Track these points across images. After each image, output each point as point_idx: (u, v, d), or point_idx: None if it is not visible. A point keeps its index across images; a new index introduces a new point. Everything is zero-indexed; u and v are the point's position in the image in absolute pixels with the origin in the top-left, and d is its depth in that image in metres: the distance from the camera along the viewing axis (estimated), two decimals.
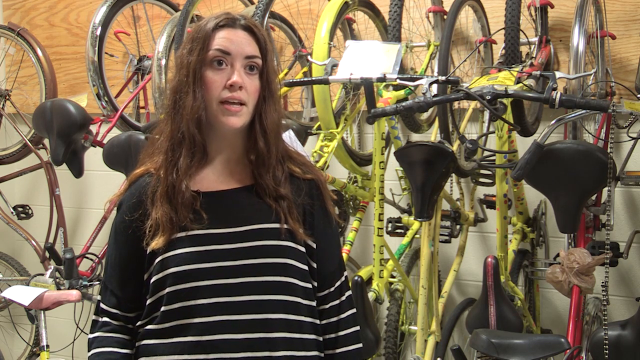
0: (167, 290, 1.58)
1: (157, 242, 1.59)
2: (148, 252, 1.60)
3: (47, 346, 2.72)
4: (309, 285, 1.66)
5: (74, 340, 2.94)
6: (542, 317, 3.28)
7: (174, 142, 1.63)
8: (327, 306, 1.70)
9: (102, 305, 1.68)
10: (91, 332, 1.68)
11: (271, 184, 1.64)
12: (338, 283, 1.72)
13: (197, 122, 1.60)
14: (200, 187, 1.63)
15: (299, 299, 1.63)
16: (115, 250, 1.67)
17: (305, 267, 1.66)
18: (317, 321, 1.67)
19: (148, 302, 1.62)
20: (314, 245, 1.68)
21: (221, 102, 1.59)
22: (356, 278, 2.43)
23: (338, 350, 1.69)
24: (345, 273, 1.76)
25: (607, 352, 2.17)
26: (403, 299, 2.89)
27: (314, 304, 1.67)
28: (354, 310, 1.74)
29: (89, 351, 1.66)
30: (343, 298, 1.72)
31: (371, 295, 2.63)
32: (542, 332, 3.17)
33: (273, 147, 1.65)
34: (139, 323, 1.64)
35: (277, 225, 1.62)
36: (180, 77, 1.62)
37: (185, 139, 1.61)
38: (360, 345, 1.73)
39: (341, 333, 1.70)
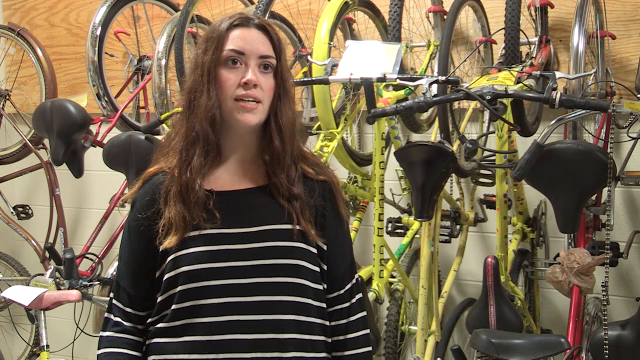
0: (179, 288, 1.59)
1: (170, 241, 1.59)
2: (161, 250, 1.61)
3: (47, 346, 2.72)
4: (320, 287, 1.66)
5: (74, 340, 2.94)
6: (542, 317, 3.28)
7: (188, 142, 1.63)
8: (337, 308, 1.69)
9: (114, 302, 1.68)
10: (103, 330, 1.68)
11: (285, 183, 1.64)
12: (348, 285, 1.72)
13: (211, 120, 1.61)
14: (214, 186, 1.64)
15: (309, 301, 1.63)
16: (129, 247, 1.68)
17: (317, 269, 1.66)
18: (327, 323, 1.67)
19: (159, 299, 1.62)
20: (325, 247, 1.68)
21: (236, 99, 1.60)
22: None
23: (347, 353, 1.69)
24: (357, 276, 1.76)
25: (607, 352, 2.17)
26: (403, 299, 2.89)
27: (324, 305, 1.67)
28: (364, 313, 1.74)
29: (98, 349, 1.66)
30: (353, 301, 1.72)
31: (371, 295, 2.63)
32: (542, 332, 3.17)
33: (288, 146, 1.65)
34: (149, 320, 1.65)
35: (289, 226, 1.63)
36: (195, 77, 1.63)
37: (199, 138, 1.62)
38: (370, 348, 1.72)
39: (350, 335, 1.69)
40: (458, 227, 3.06)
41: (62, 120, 3.38)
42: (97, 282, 3.07)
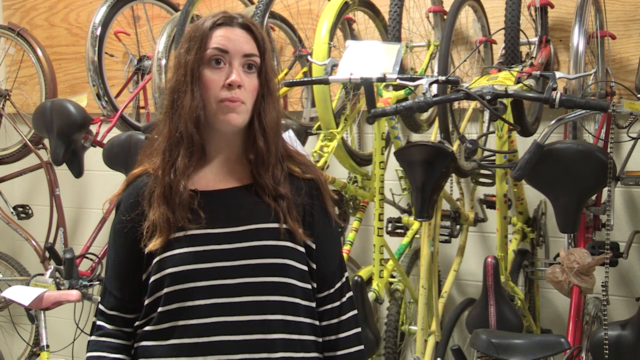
0: (165, 290, 1.57)
1: (154, 243, 1.58)
2: (146, 252, 1.59)
3: (47, 346, 2.73)
4: (308, 286, 1.65)
5: (74, 340, 2.94)
6: (542, 317, 3.28)
7: (171, 143, 1.61)
8: (327, 307, 1.68)
9: (100, 306, 1.67)
10: (90, 335, 1.68)
11: (270, 184, 1.63)
12: (338, 284, 1.70)
13: (196, 121, 1.59)
14: (198, 186, 1.62)
15: (297, 300, 1.61)
16: (114, 251, 1.67)
17: (305, 268, 1.64)
18: (317, 322, 1.66)
19: (146, 302, 1.61)
20: (314, 246, 1.66)
21: (220, 101, 1.58)
22: (356, 278, 2.43)
23: (339, 353, 1.67)
24: (346, 274, 1.74)
25: (607, 352, 2.17)
26: (403, 299, 2.89)
27: (313, 305, 1.65)
28: (355, 311, 1.72)
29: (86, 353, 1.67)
30: (344, 299, 1.70)
31: (371, 295, 2.63)
32: (542, 332, 3.17)
33: (272, 146, 1.63)
34: (137, 324, 1.63)
35: (276, 225, 1.61)
36: (178, 77, 1.61)
37: (183, 139, 1.60)
38: (362, 347, 1.71)
39: (341, 335, 1.68)
40: (458, 227, 3.06)
41: (62, 120, 3.38)
42: (97, 282, 3.07)
